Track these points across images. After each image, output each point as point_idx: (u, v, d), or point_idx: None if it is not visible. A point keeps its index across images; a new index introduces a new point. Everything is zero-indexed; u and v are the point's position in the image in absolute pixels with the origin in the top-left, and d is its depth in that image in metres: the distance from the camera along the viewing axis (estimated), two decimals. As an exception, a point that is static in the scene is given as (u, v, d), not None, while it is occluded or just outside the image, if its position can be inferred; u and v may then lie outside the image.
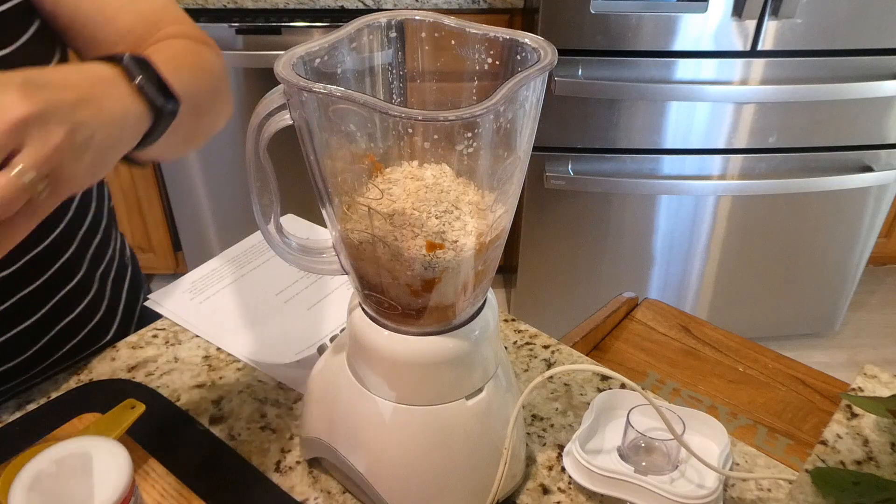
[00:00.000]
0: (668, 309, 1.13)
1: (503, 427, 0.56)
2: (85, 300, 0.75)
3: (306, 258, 0.55)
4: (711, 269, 1.98)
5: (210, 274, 0.85)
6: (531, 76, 0.42)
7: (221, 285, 0.83)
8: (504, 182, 0.48)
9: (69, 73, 0.47)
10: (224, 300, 0.81)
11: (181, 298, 0.81)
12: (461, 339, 0.51)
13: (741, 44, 1.62)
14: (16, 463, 0.57)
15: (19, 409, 0.68)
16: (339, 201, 0.48)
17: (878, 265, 2.44)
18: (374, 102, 0.40)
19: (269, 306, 0.80)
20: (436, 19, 0.50)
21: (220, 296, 0.81)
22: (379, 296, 0.50)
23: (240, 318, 0.78)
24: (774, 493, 0.61)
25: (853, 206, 1.86)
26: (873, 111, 1.72)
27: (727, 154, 1.79)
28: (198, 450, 0.64)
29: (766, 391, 0.99)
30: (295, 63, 0.44)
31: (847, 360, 2.10)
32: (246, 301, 0.81)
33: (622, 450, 0.61)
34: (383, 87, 0.52)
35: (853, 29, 1.61)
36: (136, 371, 0.73)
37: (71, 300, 0.73)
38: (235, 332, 0.77)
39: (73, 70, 0.48)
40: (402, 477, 0.55)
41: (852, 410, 0.52)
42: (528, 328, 0.80)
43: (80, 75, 0.47)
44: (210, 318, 0.79)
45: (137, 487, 0.52)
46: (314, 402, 0.60)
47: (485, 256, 0.49)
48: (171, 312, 0.79)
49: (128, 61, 0.49)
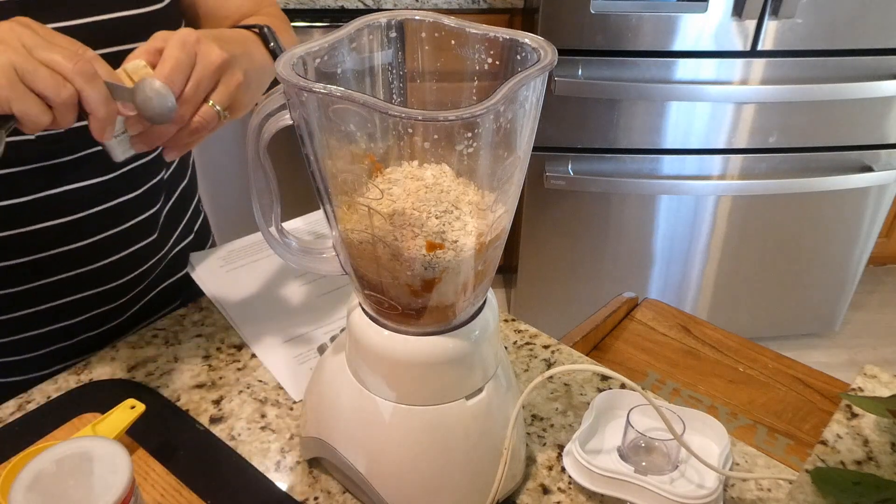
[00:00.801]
0: (668, 309, 1.13)
1: (503, 427, 0.56)
2: (157, 256, 0.82)
3: (306, 258, 0.55)
4: (711, 269, 1.98)
5: (248, 247, 0.87)
6: (531, 76, 0.42)
7: (250, 259, 0.85)
8: (504, 182, 0.48)
9: (232, 34, 0.66)
10: (248, 275, 0.83)
11: (213, 265, 0.83)
12: (461, 339, 0.51)
13: (741, 44, 1.62)
14: (16, 463, 0.57)
15: (19, 409, 0.68)
16: (339, 201, 0.48)
17: (878, 265, 2.44)
18: (374, 102, 0.40)
19: (286, 289, 0.81)
20: (436, 19, 0.50)
21: (245, 269, 0.83)
22: (379, 296, 0.50)
23: (256, 295, 0.80)
24: (774, 493, 0.61)
25: (853, 206, 1.86)
26: (873, 111, 1.72)
27: (727, 154, 1.79)
28: (198, 450, 0.64)
29: (766, 391, 0.99)
30: (295, 63, 0.44)
31: (847, 360, 2.10)
32: (266, 280, 0.83)
33: (622, 450, 0.61)
34: (383, 87, 0.52)
35: (853, 29, 1.61)
36: (136, 371, 0.73)
37: (146, 253, 0.80)
38: (253, 311, 0.79)
39: (234, 33, 0.67)
40: (402, 477, 0.55)
41: (852, 410, 0.52)
42: (528, 328, 0.80)
43: (240, 36, 0.67)
44: (230, 288, 0.81)
45: (137, 487, 0.52)
46: (314, 402, 0.60)
47: (485, 256, 0.49)
48: (199, 278, 0.81)
49: (266, 31, 0.70)
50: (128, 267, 0.78)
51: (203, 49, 0.56)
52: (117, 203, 0.74)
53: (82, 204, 0.71)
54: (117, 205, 0.74)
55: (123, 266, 0.78)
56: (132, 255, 0.78)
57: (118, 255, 0.76)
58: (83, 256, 0.73)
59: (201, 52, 0.56)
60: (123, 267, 0.78)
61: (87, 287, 0.75)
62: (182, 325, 0.79)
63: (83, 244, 0.73)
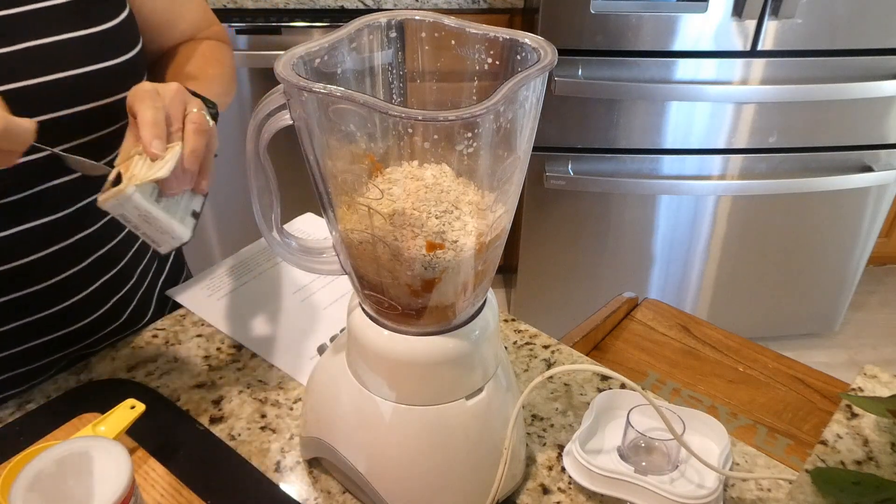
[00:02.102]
0: (668, 309, 1.13)
1: (503, 427, 0.56)
2: (124, 288, 0.79)
3: (306, 258, 0.55)
4: (711, 269, 1.98)
5: (228, 271, 0.86)
6: (531, 76, 0.42)
7: (238, 283, 0.84)
8: (504, 182, 0.48)
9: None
10: (241, 297, 0.82)
11: (198, 295, 0.82)
12: (461, 339, 0.51)
13: (741, 44, 1.62)
14: (16, 463, 0.57)
15: (19, 409, 0.68)
16: (339, 201, 0.48)
17: (878, 265, 2.44)
18: (374, 102, 0.40)
19: (286, 304, 0.81)
20: (436, 19, 0.50)
21: (236, 294, 0.82)
22: (379, 296, 0.50)
23: (258, 315, 0.80)
24: (774, 493, 0.61)
25: (853, 206, 1.86)
26: (873, 111, 1.72)
27: (727, 154, 1.79)
28: (198, 450, 0.64)
29: (766, 391, 0.99)
30: (295, 63, 0.44)
31: (847, 360, 2.10)
32: (263, 298, 0.82)
33: (622, 450, 0.61)
34: (383, 87, 0.52)
35: (853, 29, 1.61)
36: (136, 371, 0.73)
37: (111, 286, 0.77)
38: (254, 328, 0.78)
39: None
40: (402, 477, 0.55)
41: (852, 410, 0.52)
42: (528, 328, 0.80)
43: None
44: (228, 314, 0.80)
45: (137, 487, 0.52)
46: (314, 401, 0.60)
47: (485, 256, 0.49)
48: (190, 306, 0.80)
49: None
50: (94, 305, 0.75)
51: (160, 89, 0.58)
52: (76, 240, 0.71)
53: (38, 244, 0.68)
54: (76, 241, 0.71)
55: (89, 305, 0.74)
56: (97, 291, 0.75)
57: (83, 294, 0.73)
58: (44, 298, 0.70)
59: (161, 93, 0.58)
60: (89, 306, 0.74)
61: (51, 330, 0.73)
62: (182, 325, 0.79)
63: (44, 286, 0.69)
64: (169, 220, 0.56)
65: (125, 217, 0.54)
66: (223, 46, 0.84)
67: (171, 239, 0.57)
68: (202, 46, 0.80)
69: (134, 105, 0.56)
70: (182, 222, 0.57)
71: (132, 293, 0.80)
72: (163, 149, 0.55)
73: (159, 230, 0.56)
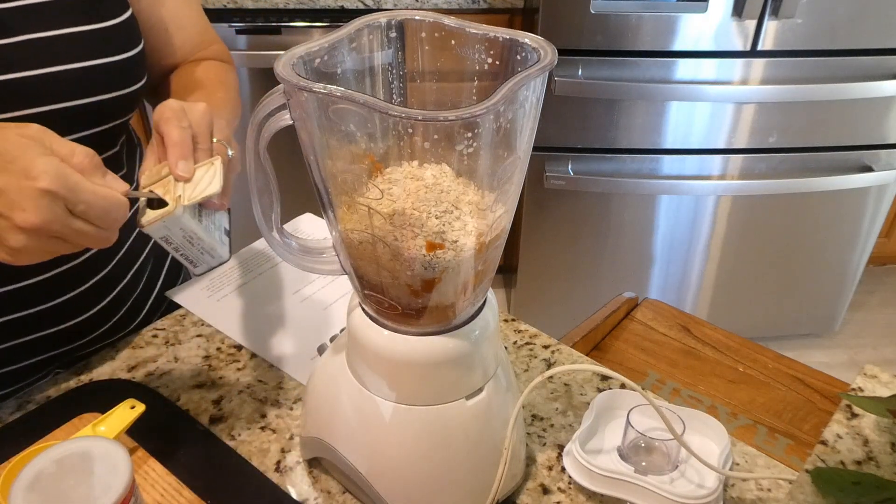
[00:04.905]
0: (668, 309, 1.13)
1: (503, 427, 0.56)
2: (117, 288, 0.78)
3: (306, 258, 0.55)
4: (711, 269, 1.98)
5: (227, 272, 0.86)
6: (531, 76, 0.42)
7: (238, 283, 0.84)
8: (504, 182, 0.48)
9: None
10: (241, 297, 0.82)
11: (197, 295, 0.82)
12: (461, 339, 0.51)
13: (741, 44, 1.62)
14: (16, 463, 0.57)
15: (19, 409, 0.68)
16: (339, 201, 0.48)
17: (878, 265, 2.44)
18: (374, 102, 0.40)
19: (286, 304, 0.81)
20: (436, 19, 0.50)
21: (236, 294, 0.82)
22: (379, 296, 0.50)
23: (258, 315, 0.80)
24: (774, 493, 0.61)
25: (853, 206, 1.86)
26: (873, 111, 1.72)
27: (727, 154, 1.79)
28: (198, 450, 0.64)
29: (766, 391, 0.99)
30: (295, 63, 0.44)
31: (847, 360, 2.10)
32: (263, 298, 0.82)
33: (622, 450, 0.61)
34: (383, 87, 0.52)
35: (853, 29, 1.61)
36: (136, 371, 0.73)
37: (103, 286, 0.76)
38: (254, 328, 0.78)
39: None
40: (402, 477, 0.55)
41: (852, 410, 0.52)
42: (528, 328, 0.80)
43: None
44: (228, 315, 0.80)
45: (137, 487, 0.52)
46: (314, 402, 0.60)
47: (485, 256, 0.49)
48: (190, 307, 0.80)
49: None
50: (86, 304, 0.75)
51: (187, 108, 0.57)
52: None
53: None
54: None
55: (81, 303, 0.74)
56: (89, 290, 0.74)
57: (75, 292, 0.73)
58: (31, 295, 0.70)
59: (188, 111, 0.57)
60: (81, 304, 0.74)
61: (43, 327, 0.72)
62: (182, 325, 0.79)
63: (32, 282, 0.69)
64: (211, 239, 0.56)
65: (167, 239, 0.53)
66: (227, 67, 0.83)
67: (210, 258, 0.56)
68: (206, 69, 0.79)
69: (161, 125, 0.56)
70: (221, 241, 0.57)
71: (126, 293, 0.79)
72: (189, 171, 0.55)
73: (201, 250, 0.56)
